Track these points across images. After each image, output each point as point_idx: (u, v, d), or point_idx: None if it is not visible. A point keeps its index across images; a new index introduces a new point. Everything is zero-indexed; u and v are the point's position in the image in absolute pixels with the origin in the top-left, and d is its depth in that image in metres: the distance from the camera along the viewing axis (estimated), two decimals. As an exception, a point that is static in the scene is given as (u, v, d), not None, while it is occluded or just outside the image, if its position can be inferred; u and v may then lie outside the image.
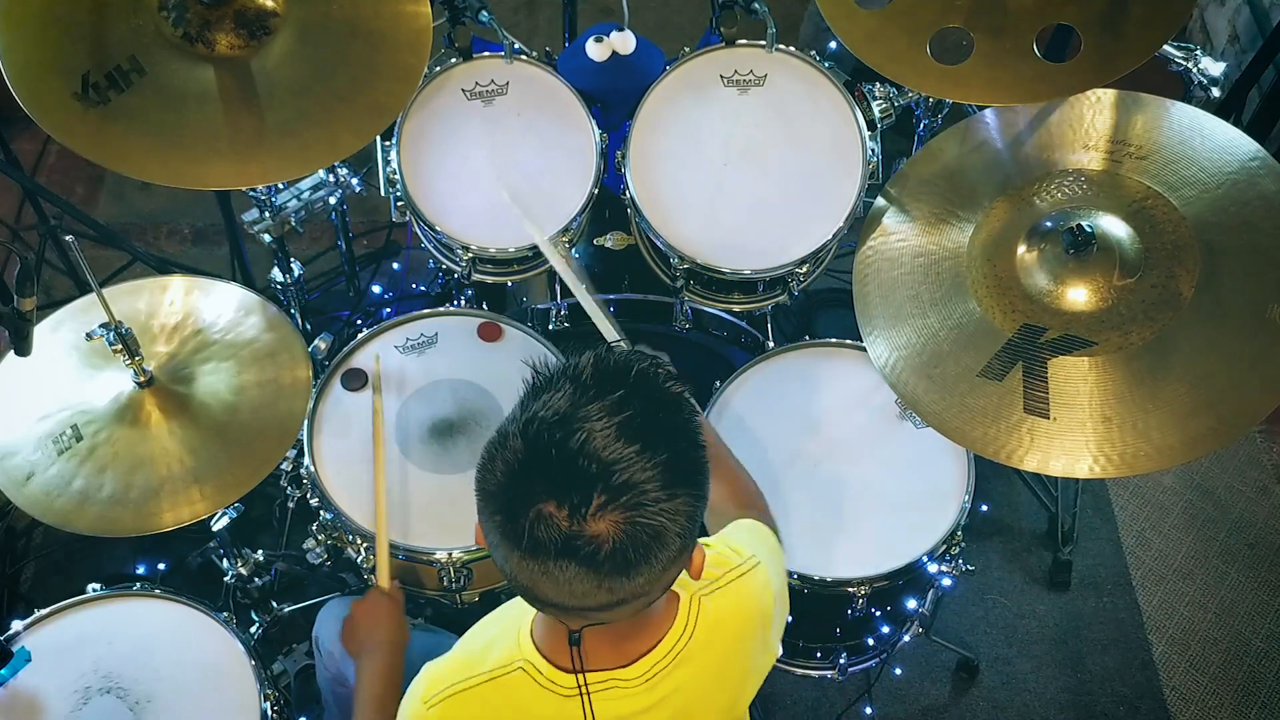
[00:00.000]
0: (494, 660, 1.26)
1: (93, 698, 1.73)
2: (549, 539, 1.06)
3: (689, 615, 1.26)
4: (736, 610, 1.31)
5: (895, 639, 2.26)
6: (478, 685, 1.25)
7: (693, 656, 1.26)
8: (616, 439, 1.04)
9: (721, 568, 1.32)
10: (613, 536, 1.05)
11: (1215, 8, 3.46)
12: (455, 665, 1.29)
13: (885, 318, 1.88)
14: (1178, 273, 1.76)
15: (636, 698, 1.24)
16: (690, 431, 1.11)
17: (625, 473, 1.04)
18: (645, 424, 1.06)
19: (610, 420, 1.05)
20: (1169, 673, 2.56)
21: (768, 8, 2.18)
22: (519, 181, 2.17)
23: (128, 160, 1.83)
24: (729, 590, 1.31)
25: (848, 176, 2.13)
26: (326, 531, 1.98)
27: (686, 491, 1.09)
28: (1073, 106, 1.95)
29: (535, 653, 1.24)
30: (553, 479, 1.05)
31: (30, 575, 2.59)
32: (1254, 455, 2.87)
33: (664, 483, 1.06)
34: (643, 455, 1.05)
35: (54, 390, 1.84)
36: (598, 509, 1.04)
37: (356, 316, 2.85)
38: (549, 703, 1.23)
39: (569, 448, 1.04)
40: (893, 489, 2.00)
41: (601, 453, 1.04)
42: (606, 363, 1.10)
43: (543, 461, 1.05)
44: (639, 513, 1.05)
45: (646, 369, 1.10)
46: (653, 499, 1.05)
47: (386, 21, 1.96)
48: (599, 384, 1.07)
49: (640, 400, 1.07)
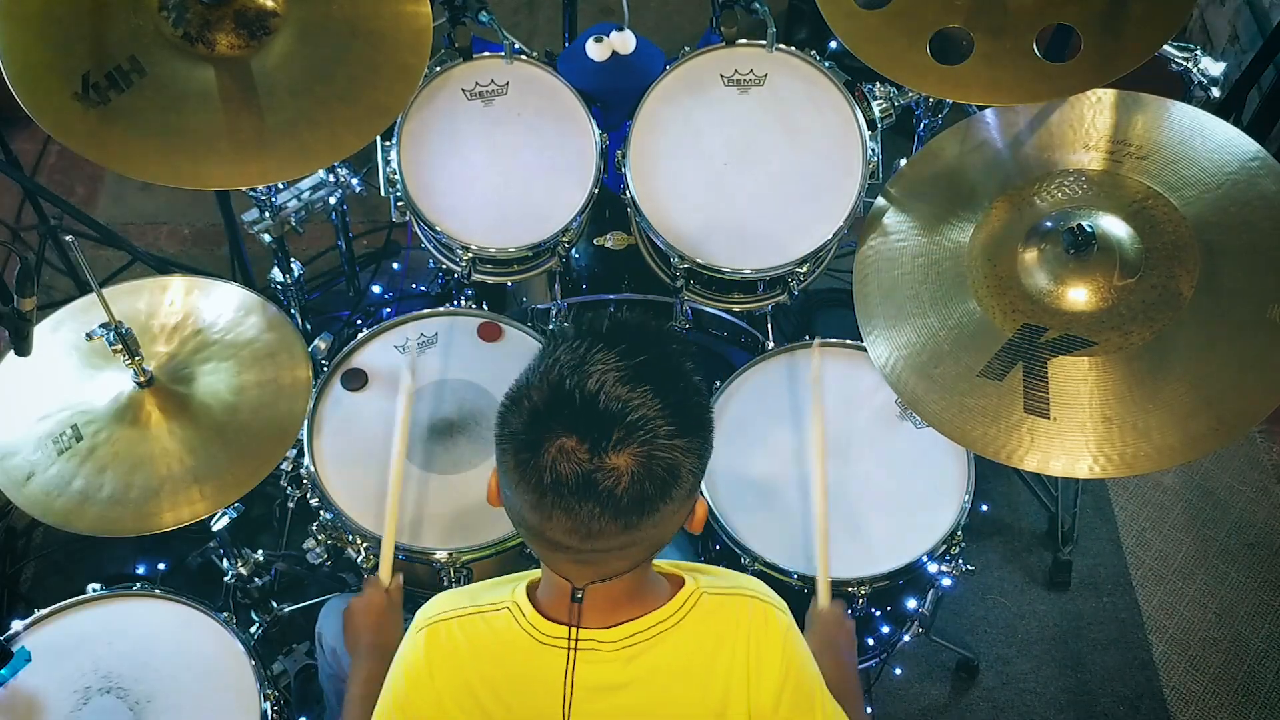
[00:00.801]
0: (486, 599, 1.32)
1: (93, 698, 1.73)
2: (570, 473, 1.12)
3: (685, 601, 1.28)
4: (731, 618, 1.31)
5: (895, 639, 2.26)
6: (465, 616, 1.31)
7: (677, 645, 1.27)
8: (630, 380, 1.12)
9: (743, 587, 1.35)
10: (631, 470, 1.12)
11: (1215, 8, 3.46)
12: (452, 597, 1.36)
13: (885, 318, 1.88)
14: (1178, 273, 1.76)
15: (613, 665, 1.26)
16: (695, 384, 1.19)
17: (640, 410, 1.11)
18: (655, 370, 1.14)
19: (624, 363, 1.12)
20: (1169, 673, 2.56)
21: (768, 7, 2.19)
22: (519, 181, 2.17)
23: (128, 160, 1.83)
24: (733, 600, 1.32)
25: (848, 176, 2.13)
26: (326, 531, 1.98)
27: (695, 434, 1.16)
28: (1073, 106, 1.95)
29: (525, 599, 1.29)
30: (573, 417, 1.11)
31: (30, 575, 2.59)
32: (1254, 455, 2.87)
33: (675, 421, 1.13)
34: (655, 395, 1.12)
35: (54, 390, 1.83)
36: (617, 443, 1.11)
37: (356, 316, 2.86)
38: (527, 646, 1.26)
39: (587, 389, 1.11)
40: (893, 489, 2.00)
41: (618, 392, 1.11)
42: (619, 318, 1.18)
43: (563, 402, 1.12)
44: (654, 447, 1.12)
45: (657, 329, 1.19)
46: (666, 434, 1.12)
47: (386, 21, 1.96)
48: (612, 335, 1.15)
49: (650, 349, 1.15)
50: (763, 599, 1.34)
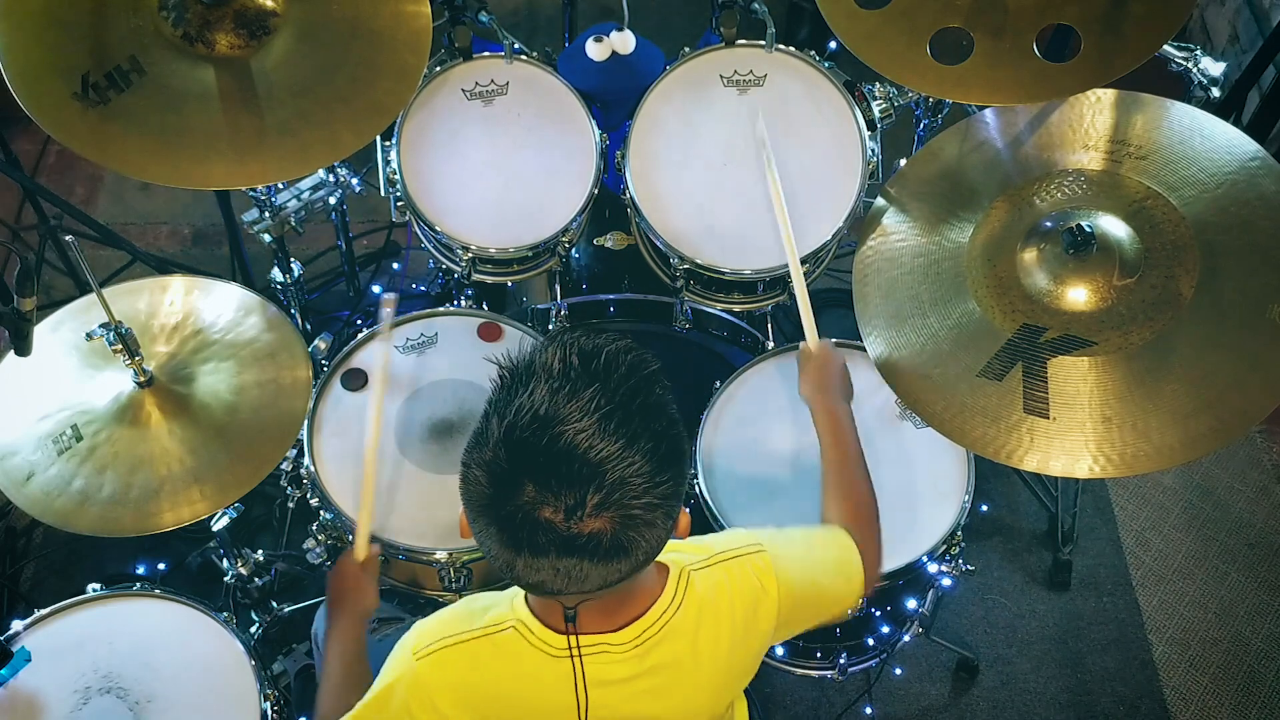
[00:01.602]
0: (486, 619, 1.29)
1: (93, 698, 1.73)
2: (549, 541, 1.09)
3: (678, 587, 1.29)
4: (725, 588, 1.32)
5: (895, 639, 2.26)
6: (468, 640, 1.28)
7: (682, 628, 1.28)
8: (600, 436, 1.06)
9: (721, 548, 1.35)
10: (610, 530, 1.09)
11: (1215, 8, 3.46)
12: (446, 621, 1.32)
13: (885, 318, 1.88)
14: (1178, 273, 1.76)
15: (626, 664, 1.26)
16: (666, 410, 1.14)
17: (615, 470, 1.07)
18: (625, 415, 1.08)
19: (591, 418, 1.06)
20: (1169, 673, 2.56)
21: (767, 8, 2.18)
22: (519, 181, 2.17)
23: (128, 160, 1.83)
24: (719, 569, 1.33)
25: (848, 176, 2.13)
26: (326, 531, 1.98)
27: (671, 472, 1.12)
28: (1073, 106, 1.95)
29: (529, 614, 1.27)
30: (544, 483, 1.07)
31: (30, 575, 2.59)
32: (1254, 455, 2.87)
33: (651, 471, 1.09)
34: (630, 449, 1.07)
35: (54, 390, 1.83)
36: (593, 509, 1.07)
37: (356, 316, 2.86)
38: (539, 661, 1.25)
39: (556, 450, 1.06)
40: (892, 489, 2.00)
41: (589, 453, 1.06)
42: (575, 353, 1.10)
43: (530, 467, 1.07)
44: (631, 506, 1.09)
45: (615, 353, 1.11)
46: (643, 489, 1.09)
47: (386, 21, 1.96)
48: (574, 379, 1.08)
49: (616, 390, 1.08)
50: (739, 552, 1.34)
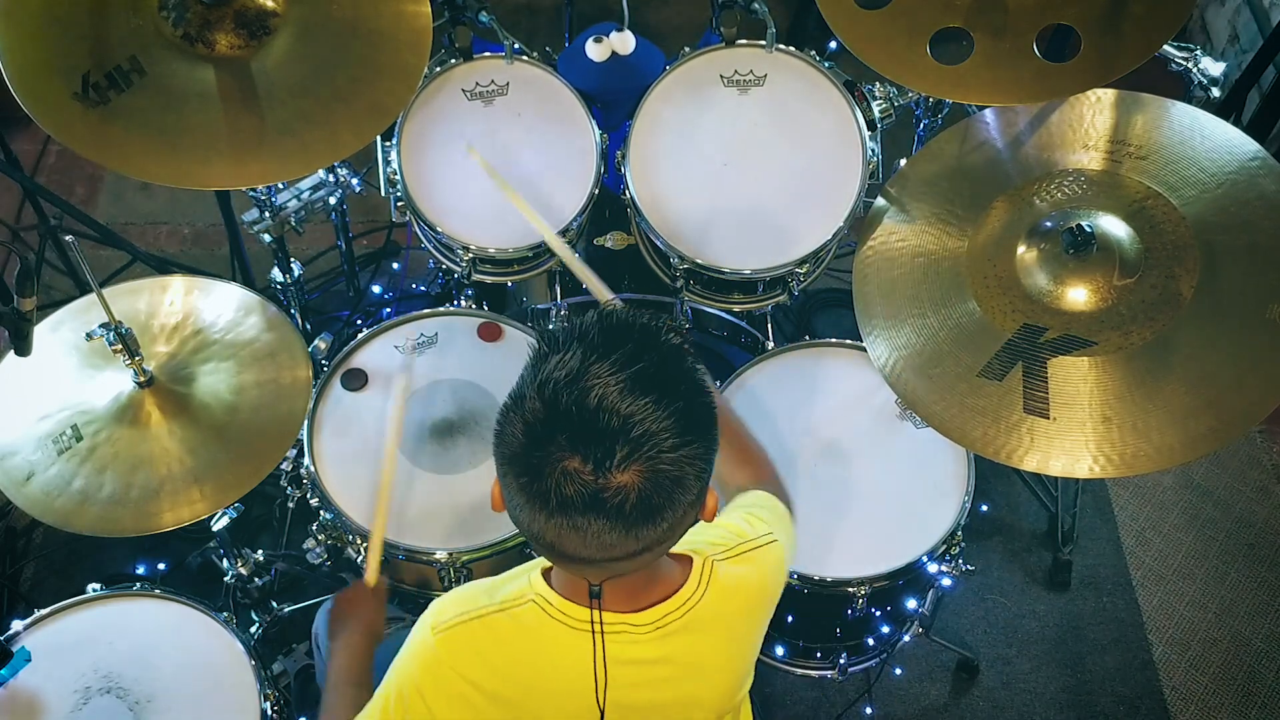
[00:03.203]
0: (504, 594, 1.29)
1: (93, 698, 1.73)
2: (576, 494, 1.10)
3: (701, 576, 1.29)
4: (748, 581, 1.33)
5: (895, 639, 2.27)
6: (488, 615, 1.28)
7: (704, 619, 1.28)
8: (630, 392, 1.09)
9: (739, 537, 1.35)
10: (637, 486, 1.10)
11: (1215, 8, 3.46)
12: (464, 597, 1.32)
13: (885, 318, 1.88)
14: (1178, 273, 1.76)
15: (647, 645, 1.27)
16: (697, 381, 1.16)
17: (643, 424, 1.08)
18: (655, 376, 1.10)
19: (622, 374, 1.09)
20: (1169, 673, 2.56)
21: (767, 8, 2.18)
22: (519, 181, 2.17)
23: (128, 160, 1.83)
24: (743, 560, 1.33)
25: (848, 176, 2.13)
26: (326, 531, 1.98)
27: (700, 437, 1.13)
28: (1073, 106, 1.95)
29: (548, 588, 1.27)
30: (574, 435, 1.09)
31: (30, 575, 2.59)
32: (1254, 455, 2.87)
33: (679, 430, 1.11)
34: (658, 406, 1.09)
35: (54, 390, 1.83)
36: (621, 461, 1.08)
37: (356, 316, 2.86)
38: (560, 634, 1.25)
39: (586, 404, 1.08)
40: (893, 489, 2.00)
41: (618, 406, 1.08)
42: (610, 321, 1.14)
43: (562, 420, 1.09)
44: (659, 460, 1.10)
45: (648, 324, 1.15)
46: (670, 446, 1.10)
47: (386, 21, 1.96)
48: (606, 341, 1.11)
49: (647, 354, 1.11)
50: (759, 542, 1.35)
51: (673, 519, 1.15)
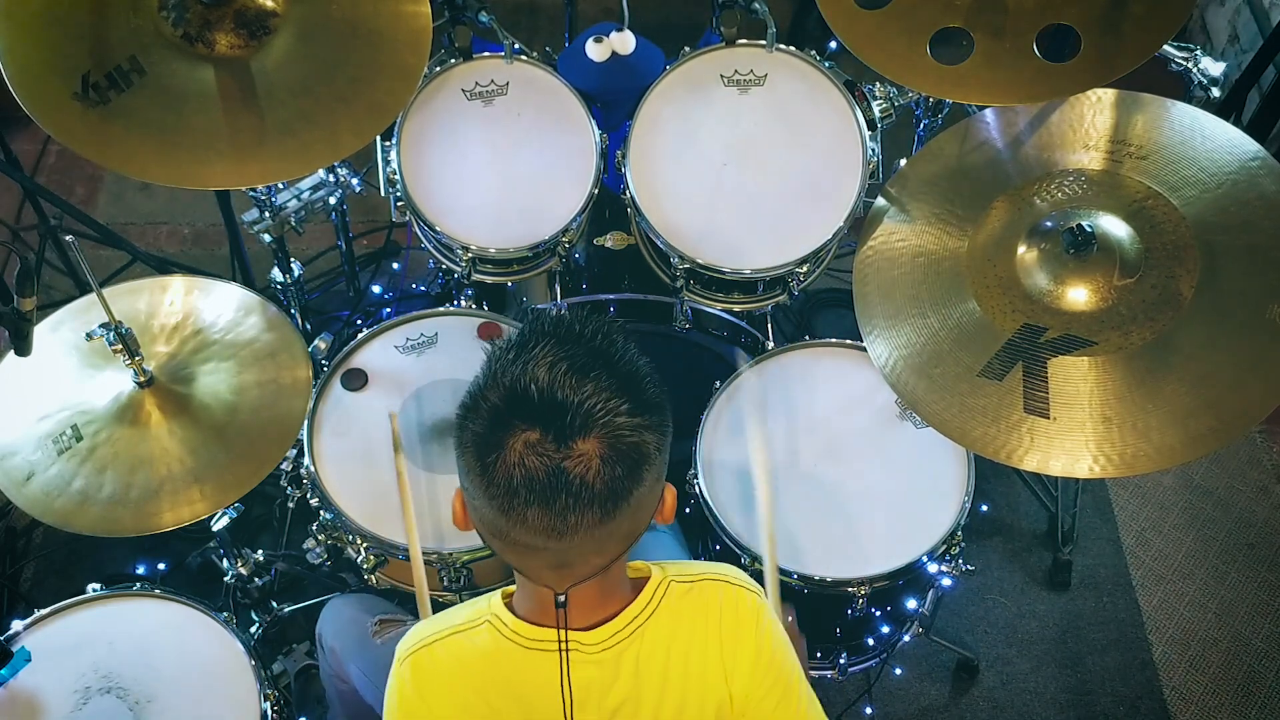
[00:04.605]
0: (462, 617, 1.31)
1: (93, 698, 1.73)
2: (538, 467, 1.11)
3: (654, 592, 1.28)
4: (701, 604, 1.30)
5: (895, 639, 2.27)
6: (445, 638, 1.29)
7: (652, 635, 1.27)
8: (583, 370, 1.12)
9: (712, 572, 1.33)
10: (600, 453, 1.11)
11: (1215, 8, 3.46)
12: (430, 622, 1.34)
13: (885, 318, 1.88)
14: (1178, 273, 1.76)
15: (600, 668, 1.26)
16: (643, 367, 1.19)
17: (596, 394, 1.12)
18: (602, 357, 1.14)
19: (572, 353, 1.13)
20: (1169, 673, 2.56)
21: (767, 7, 2.18)
22: (519, 181, 2.17)
23: (128, 160, 1.83)
24: (701, 585, 1.31)
25: (848, 176, 2.13)
26: (326, 531, 1.98)
27: (652, 412, 1.16)
28: (1073, 106, 1.95)
29: (503, 608, 1.28)
30: (532, 411, 1.11)
31: (30, 575, 2.59)
32: (1254, 455, 2.87)
33: (633, 404, 1.13)
34: (609, 378, 1.13)
35: (54, 390, 1.83)
36: (579, 428, 1.11)
37: (356, 316, 2.86)
38: (514, 654, 1.25)
39: (541, 382, 1.11)
40: (893, 489, 2.00)
41: (573, 381, 1.11)
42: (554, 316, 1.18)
43: (519, 398, 1.12)
44: (617, 428, 1.12)
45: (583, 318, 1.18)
46: (626, 412, 1.13)
47: (386, 21, 1.96)
48: (554, 330, 1.16)
49: (593, 340, 1.16)
50: (734, 583, 1.33)
51: (636, 496, 1.15)
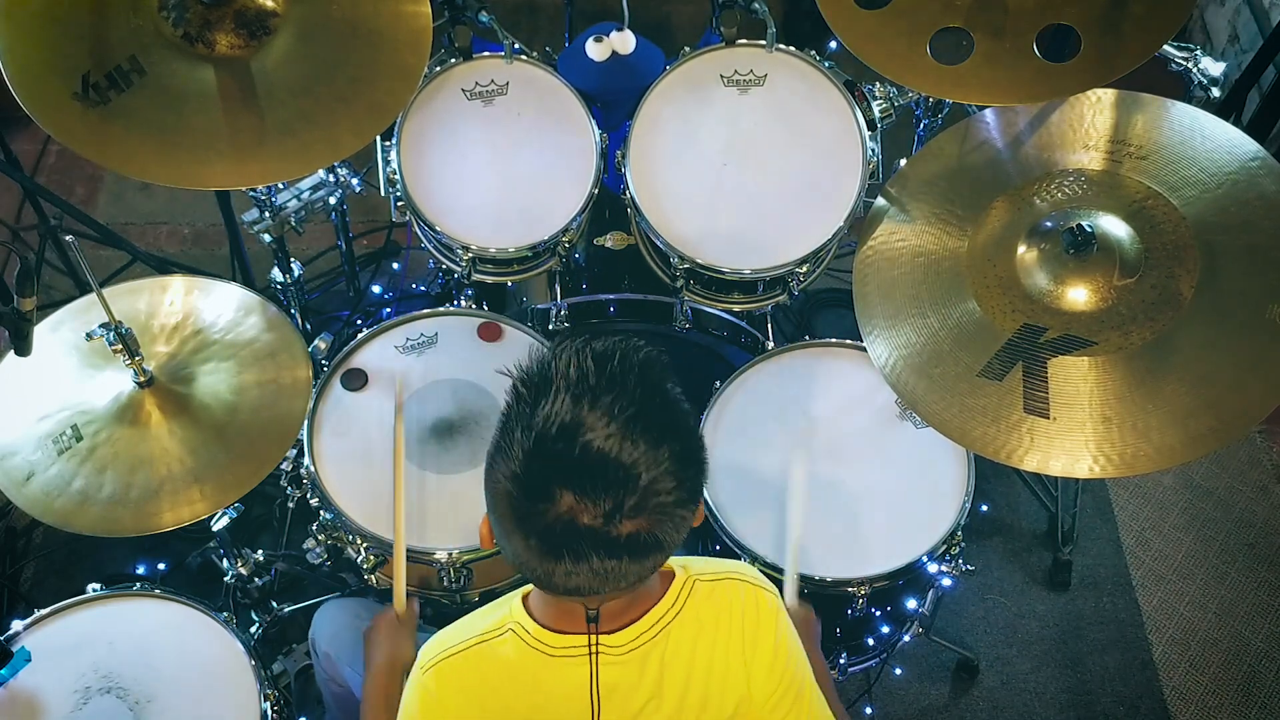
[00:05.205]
0: (485, 625, 1.30)
1: (93, 698, 1.73)
2: (591, 547, 1.11)
3: (680, 591, 1.29)
4: (725, 603, 1.32)
5: (895, 639, 2.26)
6: (469, 648, 1.29)
7: (678, 634, 1.28)
8: (628, 439, 1.09)
9: (733, 570, 1.35)
10: (647, 527, 1.12)
11: (1215, 8, 3.46)
12: (452, 632, 1.33)
13: (885, 318, 1.88)
14: (1178, 273, 1.76)
15: (627, 669, 1.26)
16: (681, 405, 1.18)
17: (647, 472, 1.10)
18: (647, 416, 1.11)
19: (616, 422, 1.09)
20: (1169, 673, 2.56)
21: (767, 7, 2.18)
22: (519, 181, 2.17)
23: (128, 160, 1.83)
24: (724, 584, 1.32)
25: (848, 176, 2.13)
26: (326, 531, 1.98)
27: (695, 465, 1.16)
28: (1073, 106, 1.95)
29: (525, 616, 1.27)
30: (580, 490, 1.09)
31: (30, 575, 2.59)
32: (1254, 455, 2.87)
33: (679, 468, 1.13)
34: (657, 449, 1.11)
35: (54, 390, 1.83)
36: (631, 511, 1.10)
37: (356, 316, 2.86)
38: (540, 663, 1.25)
39: (588, 458, 1.09)
40: (893, 489, 2.00)
41: (621, 457, 1.09)
42: (590, 358, 1.13)
43: (564, 475, 1.09)
44: (666, 502, 1.12)
45: (627, 355, 1.14)
46: (673, 488, 1.12)
47: (386, 21, 1.96)
48: (592, 385, 1.11)
49: (634, 392, 1.12)
50: (752, 582, 1.34)
51: (676, 538, 1.17)
